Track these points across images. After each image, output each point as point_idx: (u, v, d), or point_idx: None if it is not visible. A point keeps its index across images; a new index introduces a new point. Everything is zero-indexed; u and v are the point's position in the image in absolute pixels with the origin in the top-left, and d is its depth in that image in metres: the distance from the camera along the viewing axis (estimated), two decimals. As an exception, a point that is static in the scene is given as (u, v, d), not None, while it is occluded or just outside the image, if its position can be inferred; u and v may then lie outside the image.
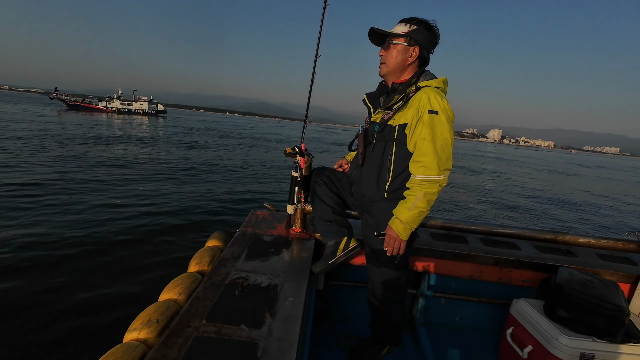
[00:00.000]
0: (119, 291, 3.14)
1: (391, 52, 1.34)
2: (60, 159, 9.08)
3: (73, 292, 3.06)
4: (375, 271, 1.49)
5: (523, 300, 1.61)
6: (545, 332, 1.42)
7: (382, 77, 1.43)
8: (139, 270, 3.55)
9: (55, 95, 50.23)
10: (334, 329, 1.83)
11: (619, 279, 1.72)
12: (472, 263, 1.76)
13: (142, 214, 5.22)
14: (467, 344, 1.82)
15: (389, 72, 1.38)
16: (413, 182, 1.26)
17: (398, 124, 1.30)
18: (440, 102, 1.22)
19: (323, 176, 1.64)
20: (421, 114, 1.23)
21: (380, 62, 1.39)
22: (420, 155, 1.23)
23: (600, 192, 15.85)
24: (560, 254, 1.84)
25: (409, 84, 1.33)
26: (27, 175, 6.77)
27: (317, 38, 1.55)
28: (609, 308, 1.36)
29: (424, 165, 1.21)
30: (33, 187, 6.05)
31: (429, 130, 1.21)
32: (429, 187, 1.21)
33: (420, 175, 1.22)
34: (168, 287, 1.23)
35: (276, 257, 1.51)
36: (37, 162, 8.18)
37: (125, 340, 1.00)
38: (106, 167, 8.64)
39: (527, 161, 39.49)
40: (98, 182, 6.99)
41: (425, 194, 1.21)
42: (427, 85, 1.29)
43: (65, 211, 5.02)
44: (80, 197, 5.76)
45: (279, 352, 0.95)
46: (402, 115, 1.30)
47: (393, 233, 1.27)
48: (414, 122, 1.26)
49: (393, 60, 1.34)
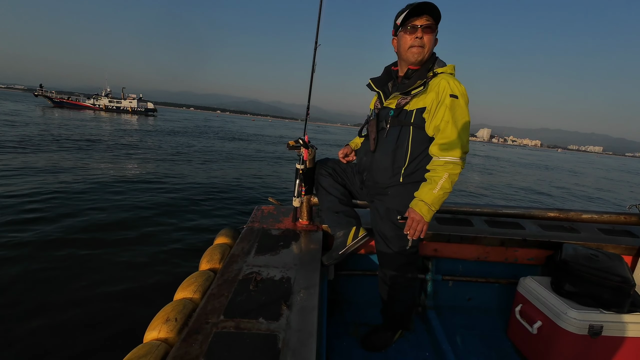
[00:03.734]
0: (126, 291, 3.16)
1: (431, 37, 1.30)
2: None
3: (80, 293, 3.07)
4: (386, 258, 1.51)
5: (530, 278, 1.65)
6: (554, 307, 1.45)
7: (415, 62, 1.33)
8: (140, 269, 3.57)
9: (40, 92, 48.98)
10: (344, 318, 1.85)
11: (622, 251, 1.75)
12: (478, 245, 1.78)
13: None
14: (477, 324, 1.86)
15: (424, 59, 1.33)
16: (436, 164, 1.27)
17: (416, 108, 1.31)
18: (459, 87, 1.25)
19: (327, 167, 1.64)
20: (442, 98, 1.25)
21: (418, 45, 1.29)
22: (444, 138, 1.25)
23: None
24: (563, 231, 1.87)
25: (426, 69, 1.33)
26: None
27: (316, 28, 1.53)
28: (614, 280, 1.40)
29: (449, 147, 1.24)
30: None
31: (452, 114, 1.23)
32: (453, 169, 1.24)
33: (445, 156, 1.24)
34: (182, 286, 1.23)
35: (286, 250, 1.52)
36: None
37: (146, 340, 1.01)
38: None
39: (542, 164, 35.43)
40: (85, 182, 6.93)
41: (450, 175, 1.23)
42: (443, 72, 1.31)
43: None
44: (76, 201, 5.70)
45: (299, 342, 0.96)
46: (421, 100, 1.30)
47: (417, 215, 1.26)
48: (433, 106, 1.27)
49: (431, 46, 1.32)
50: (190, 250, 4.18)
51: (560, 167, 33.51)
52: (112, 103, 53.09)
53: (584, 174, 26.77)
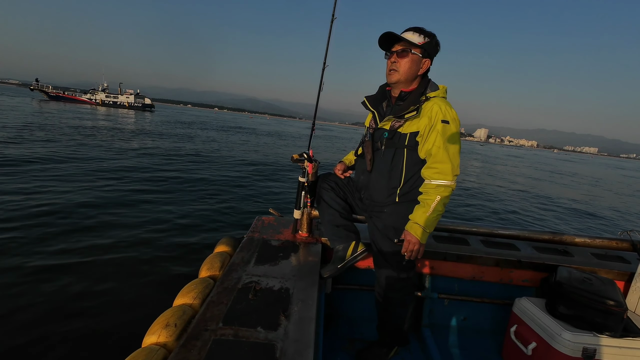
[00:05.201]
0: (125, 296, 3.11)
1: (406, 60, 1.35)
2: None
3: (77, 297, 3.02)
4: (383, 274, 1.52)
5: (525, 299, 1.66)
6: (549, 328, 1.47)
7: (391, 83, 1.43)
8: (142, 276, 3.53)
9: (36, 86, 49.13)
10: (340, 332, 1.85)
11: (615, 276, 1.78)
12: (474, 264, 1.81)
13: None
14: (471, 344, 1.85)
15: (400, 80, 1.38)
16: (428, 187, 1.32)
17: (409, 132, 1.35)
18: (450, 112, 1.31)
19: (329, 181, 1.68)
20: (434, 123, 1.30)
21: (392, 69, 1.37)
22: (436, 163, 1.30)
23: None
24: (557, 254, 1.90)
25: (419, 93, 1.37)
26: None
27: (325, 49, 1.60)
28: (608, 304, 1.42)
29: (440, 171, 1.29)
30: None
31: (443, 139, 1.29)
32: (444, 191, 1.29)
33: (436, 180, 1.30)
34: (182, 292, 1.24)
35: (285, 261, 1.54)
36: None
37: (145, 344, 1.01)
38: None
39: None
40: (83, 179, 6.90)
41: (441, 198, 1.29)
42: (435, 96, 1.36)
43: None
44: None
45: (297, 353, 0.97)
46: (414, 124, 1.35)
47: (413, 238, 1.31)
48: (426, 130, 1.32)
49: (407, 70, 1.36)
50: (191, 257, 4.15)
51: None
52: (109, 98, 53.41)
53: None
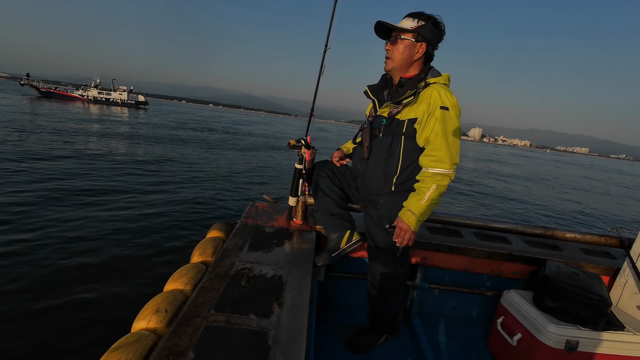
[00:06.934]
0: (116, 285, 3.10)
1: (398, 47, 1.34)
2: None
3: (70, 286, 2.99)
4: (376, 263, 1.53)
5: (513, 291, 1.70)
6: (534, 320, 1.50)
7: (387, 71, 1.43)
8: (135, 265, 3.50)
9: (26, 82, 47.33)
10: (331, 319, 1.87)
11: (600, 271, 1.83)
12: (466, 256, 1.83)
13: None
14: (459, 333, 1.90)
15: (394, 68, 1.38)
16: (425, 175, 1.28)
17: (407, 119, 1.32)
18: (450, 99, 1.26)
19: (326, 169, 1.65)
20: (433, 109, 1.26)
21: (386, 57, 1.38)
22: (434, 150, 1.26)
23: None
24: (548, 248, 1.94)
25: (418, 79, 1.34)
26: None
27: (327, 30, 1.53)
28: (592, 298, 1.45)
29: (437, 159, 1.25)
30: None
31: (442, 126, 1.24)
32: (441, 180, 1.25)
33: (433, 168, 1.26)
34: (173, 277, 1.22)
35: (279, 248, 1.53)
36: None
37: (134, 330, 1.00)
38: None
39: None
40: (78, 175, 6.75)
41: (437, 187, 1.25)
42: (435, 82, 1.31)
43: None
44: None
45: (289, 341, 0.97)
46: (412, 110, 1.31)
47: (404, 225, 1.29)
48: (424, 117, 1.28)
49: (400, 56, 1.34)
50: (182, 243, 4.13)
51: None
52: (101, 95, 51.45)
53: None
